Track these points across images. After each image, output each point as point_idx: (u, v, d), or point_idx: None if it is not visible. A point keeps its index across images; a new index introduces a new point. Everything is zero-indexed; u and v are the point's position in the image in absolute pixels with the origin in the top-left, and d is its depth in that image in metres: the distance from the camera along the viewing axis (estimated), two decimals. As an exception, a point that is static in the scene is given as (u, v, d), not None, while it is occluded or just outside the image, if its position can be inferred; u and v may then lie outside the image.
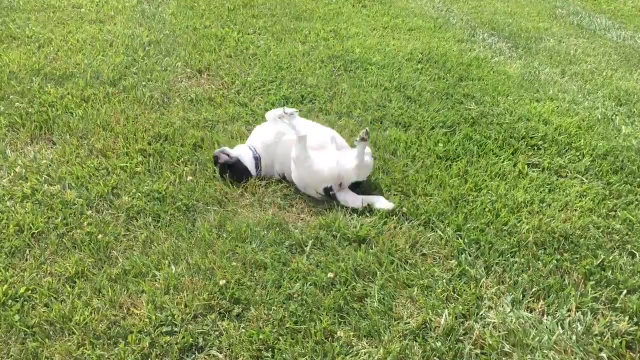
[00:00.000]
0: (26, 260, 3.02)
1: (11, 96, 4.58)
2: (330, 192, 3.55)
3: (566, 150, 4.27)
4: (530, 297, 2.90)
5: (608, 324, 2.76)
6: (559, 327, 2.73)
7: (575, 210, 3.58)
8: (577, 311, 2.83)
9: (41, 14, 6.56)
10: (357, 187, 3.66)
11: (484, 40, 6.85)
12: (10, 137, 4.07)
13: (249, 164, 3.73)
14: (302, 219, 3.47)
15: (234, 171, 3.69)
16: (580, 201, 3.67)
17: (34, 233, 3.18)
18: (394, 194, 3.64)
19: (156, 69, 5.31)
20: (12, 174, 3.67)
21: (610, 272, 3.06)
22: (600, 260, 3.14)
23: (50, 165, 3.77)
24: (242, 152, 3.76)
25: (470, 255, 3.17)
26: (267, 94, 4.99)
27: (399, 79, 5.42)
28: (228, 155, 3.71)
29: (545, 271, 3.06)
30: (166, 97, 4.84)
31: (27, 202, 3.42)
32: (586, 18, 8.20)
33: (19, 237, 3.14)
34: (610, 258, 3.16)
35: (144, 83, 5.02)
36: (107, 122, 4.30)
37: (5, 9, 6.63)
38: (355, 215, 3.47)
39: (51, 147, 4.02)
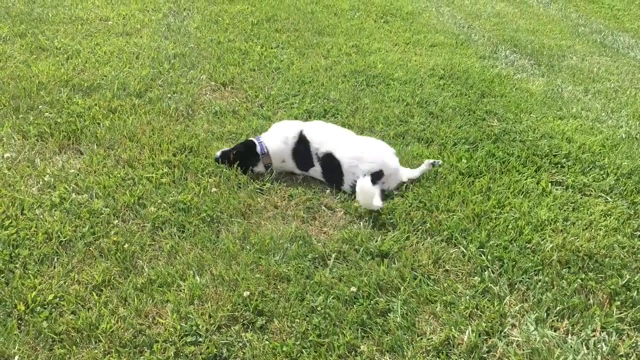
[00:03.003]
0: (54, 268, 3.07)
1: (40, 106, 4.67)
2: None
3: (590, 169, 4.24)
4: (554, 316, 2.89)
5: (634, 345, 2.74)
6: (584, 347, 2.71)
7: (600, 229, 3.56)
8: (602, 331, 2.81)
9: (69, 26, 6.69)
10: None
11: (506, 57, 6.85)
12: (39, 147, 4.15)
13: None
14: (324, 233, 3.49)
15: (238, 160, 4.00)
16: (604, 220, 3.65)
17: (62, 241, 3.24)
18: (416, 209, 3.65)
19: (181, 82, 5.39)
20: (41, 182, 3.74)
21: (635, 292, 3.03)
22: (625, 280, 3.11)
23: (78, 175, 3.84)
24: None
25: (493, 273, 3.17)
26: (290, 107, 5.04)
27: (421, 94, 5.44)
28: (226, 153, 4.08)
29: (569, 290, 3.04)
30: (191, 109, 4.90)
31: (55, 210, 3.48)
32: (609, 36, 8.17)
33: (48, 244, 3.20)
34: (636, 278, 3.13)
35: (169, 95, 5.09)
36: (133, 133, 4.37)
37: (35, 20, 6.77)
38: (376, 229, 3.49)
39: (79, 157, 4.09)
